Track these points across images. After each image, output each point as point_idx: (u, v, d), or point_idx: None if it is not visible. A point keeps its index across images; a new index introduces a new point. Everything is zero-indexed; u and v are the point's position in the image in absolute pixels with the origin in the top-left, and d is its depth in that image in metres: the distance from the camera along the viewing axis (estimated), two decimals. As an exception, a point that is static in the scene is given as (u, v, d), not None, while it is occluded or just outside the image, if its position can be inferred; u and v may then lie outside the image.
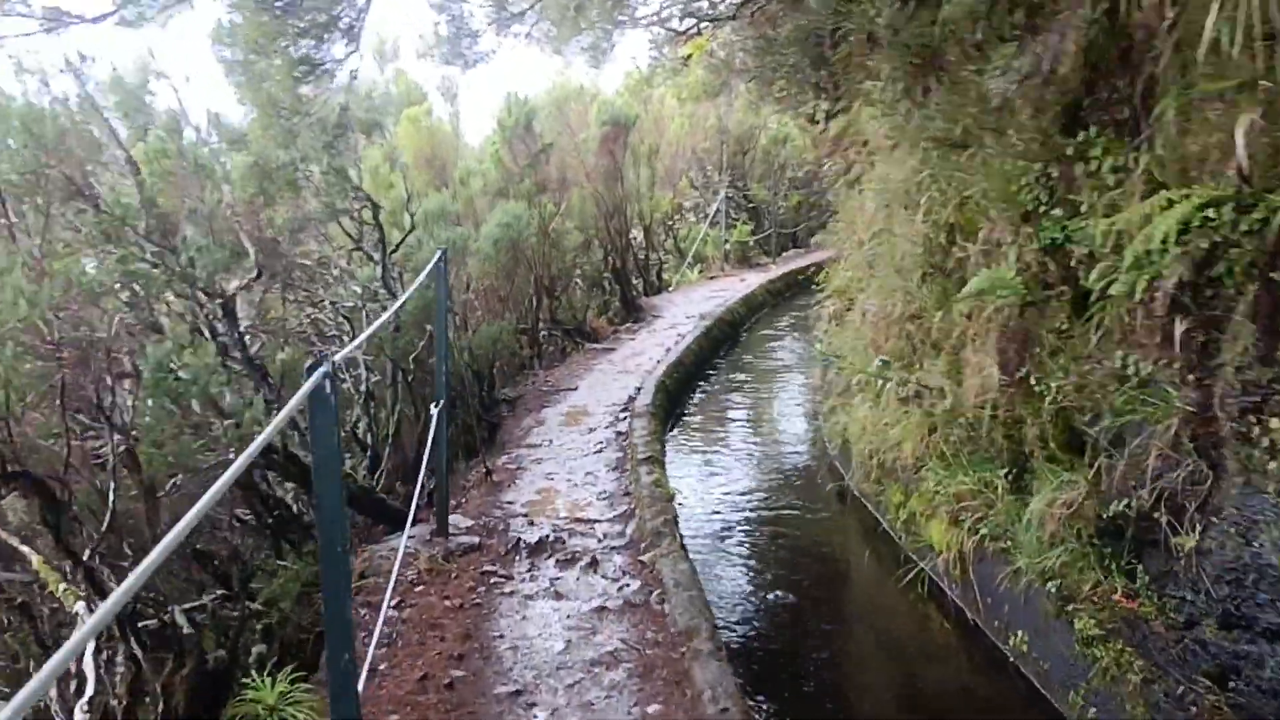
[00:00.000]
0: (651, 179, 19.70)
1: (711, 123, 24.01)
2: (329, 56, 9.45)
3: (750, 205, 25.95)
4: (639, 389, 11.86)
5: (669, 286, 20.34)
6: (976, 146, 7.07)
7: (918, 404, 8.27)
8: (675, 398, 12.29)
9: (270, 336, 11.07)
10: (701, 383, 13.70)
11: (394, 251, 10.94)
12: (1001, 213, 6.60)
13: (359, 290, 11.06)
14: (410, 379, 10.51)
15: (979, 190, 6.97)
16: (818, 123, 16.05)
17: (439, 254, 6.97)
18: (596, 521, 7.66)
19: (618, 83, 21.47)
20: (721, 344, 15.84)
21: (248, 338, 8.03)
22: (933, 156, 7.56)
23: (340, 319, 10.74)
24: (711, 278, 21.72)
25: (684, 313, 17.62)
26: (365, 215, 10.98)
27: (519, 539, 7.18)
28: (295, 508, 7.58)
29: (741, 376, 14.36)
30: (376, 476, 9.70)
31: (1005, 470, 6.93)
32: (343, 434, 10.61)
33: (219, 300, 7.18)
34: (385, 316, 7.36)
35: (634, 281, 18.66)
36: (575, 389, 12.31)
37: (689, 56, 16.05)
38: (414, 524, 7.17)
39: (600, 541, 7.24)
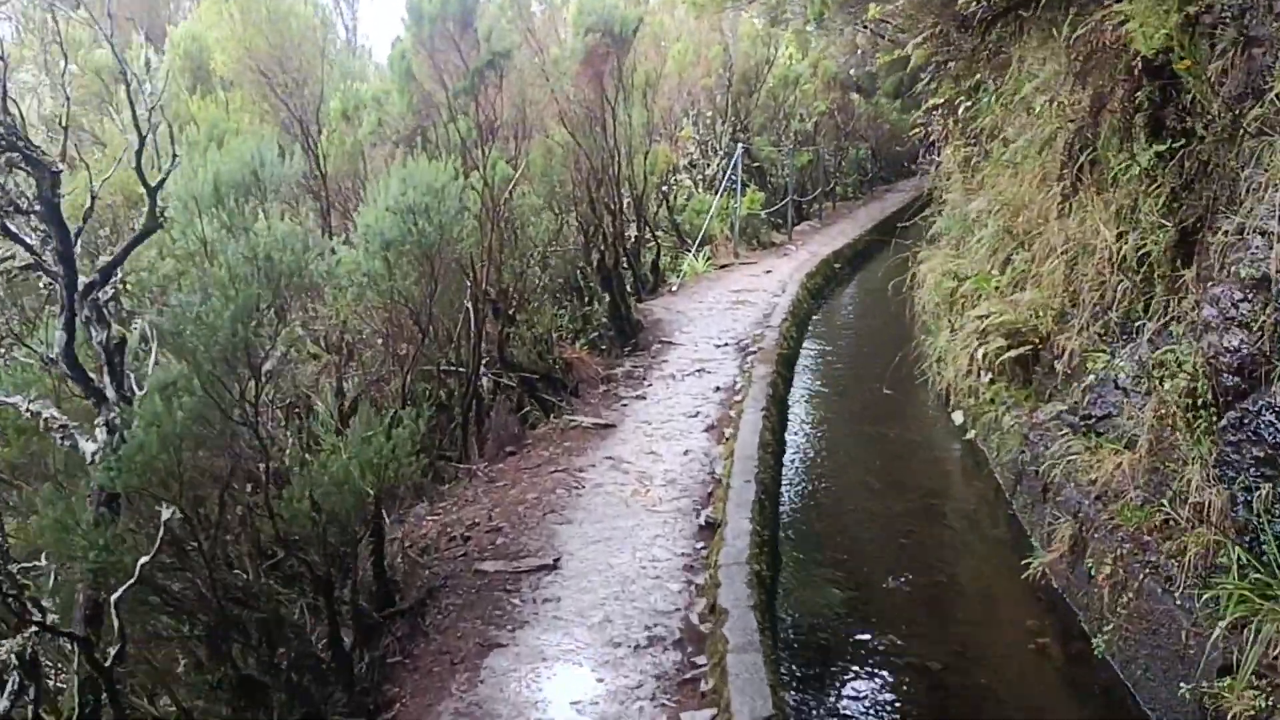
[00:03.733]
0: (647, 125, 12.81)
1: (715, 52, 17.08)
2: None
3: (755, 165, 19.10)
4: (691, 584, 5.16)
5: (669, 284, 13.50)
6: None
7: None
8: (770, 588, 5.53)
9: None
10: (795, 533, 6.92)
11: (104, 283, 4.05)
12: None
13: (29, 374, 4.25)
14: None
15: None
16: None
17: None
18: None
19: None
20: (788, 405, 9.07)
21: None
22: None
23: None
24: (723, 266, 14.93)
25: (703, 333, 10.86)
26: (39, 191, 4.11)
27: None
28: None
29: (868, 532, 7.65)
30: None
31: None
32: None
33: None
34: None
35: (626, 281, 11.80)
36: (555, 565, 5.52)
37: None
38: None
39: None
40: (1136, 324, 6.28)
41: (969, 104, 9.85)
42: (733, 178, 15.70)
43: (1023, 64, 9.79)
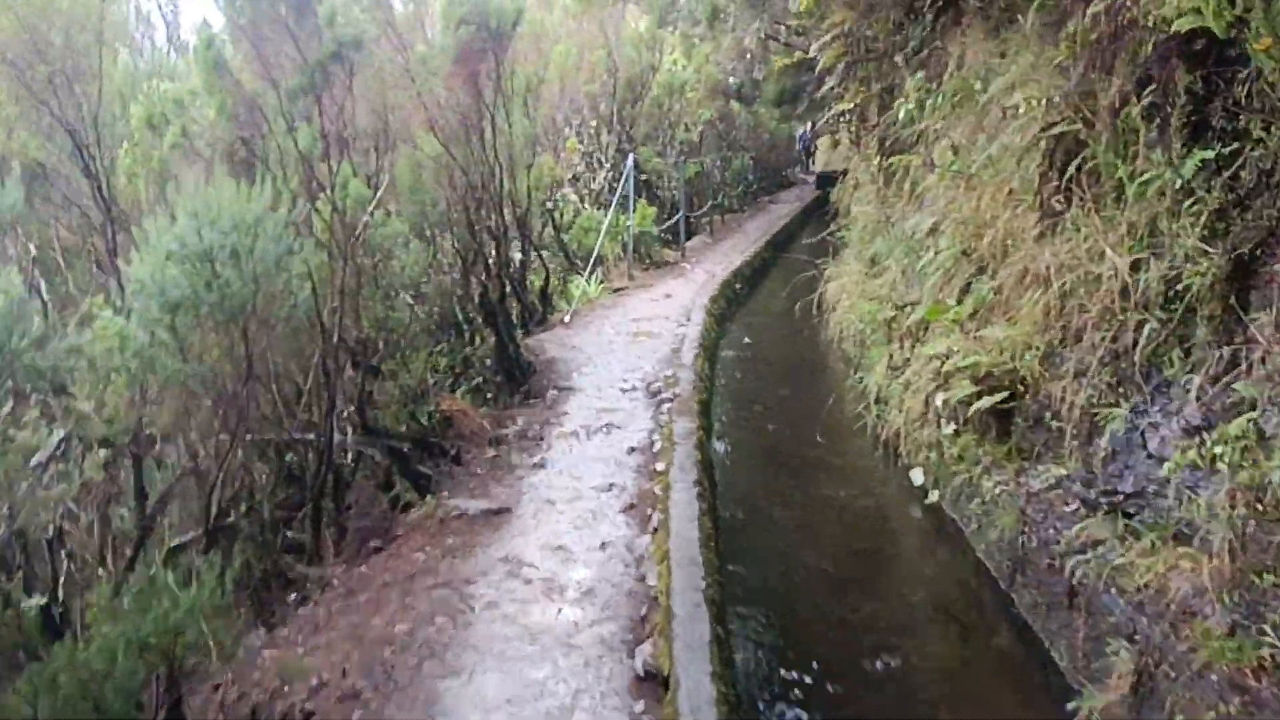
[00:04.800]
0: (530, 135, 11.10)
1: (599, 56, 15.47)
2: None
3: (643, 177, 17.53)
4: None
5: (561, 313, 11.81)
6: None
7: None
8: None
9: None
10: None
11: None
12: None
13: None
14: None
15: None
16: None
17: None
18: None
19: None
20: (713, 467, 7.46)
21: None
22: None
23: None
24: (618, 290, 13.31)
25: (606, 375, 9.23)
26: None
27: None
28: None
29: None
30: None
31: None
32: None
33: None
34: None
35: (514, 314, 10.08)
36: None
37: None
38: None
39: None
40: (1172, 376, 4.89)
41: (911, 106, 8.42)
42: (624, 192, 14.09)
43: (963, 60, 8.46)
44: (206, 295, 3.57)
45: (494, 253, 8.92)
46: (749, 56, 19.94)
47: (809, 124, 33.20)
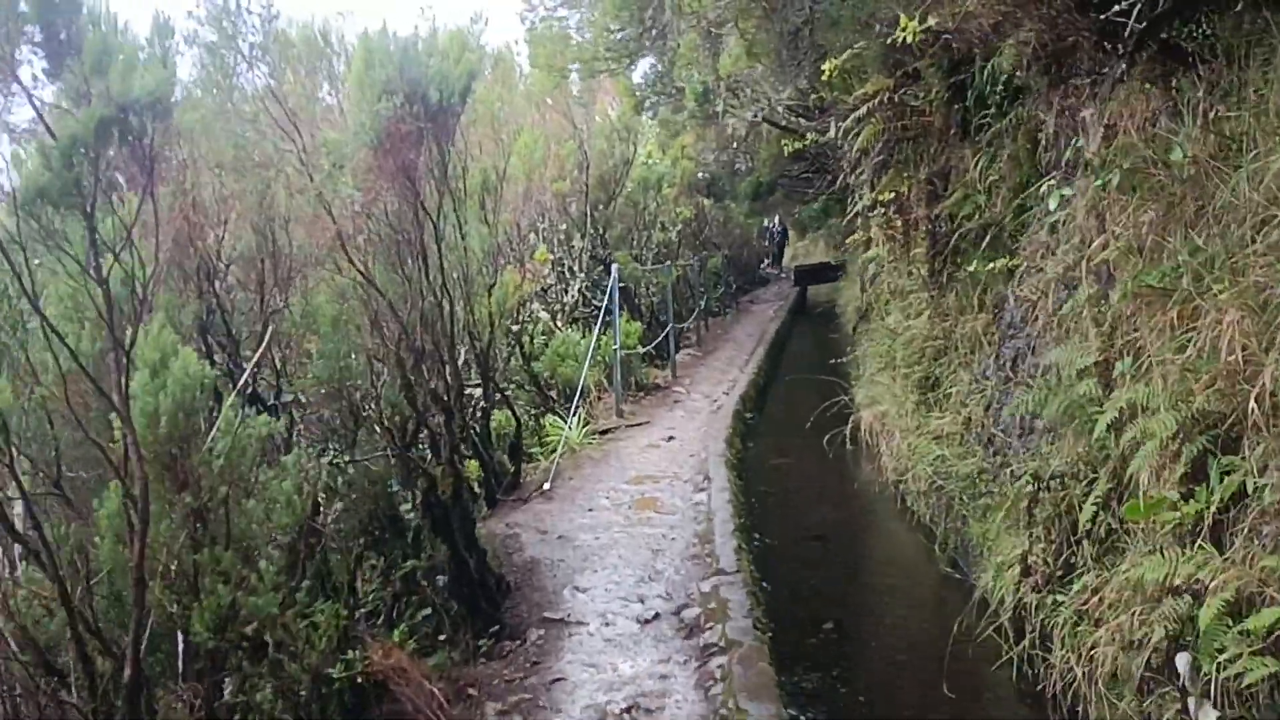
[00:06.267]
0: (489, 246, 8.26)
1: (569, 149, 12.74)
2: None
3: (621, 285, 14.71)
4: None
5: (539, 471, 8.78)
6: None
7: None
8: None
9: None
10: None
11: None
12: None
13: None
14: None
15: None
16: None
17: None
18: None
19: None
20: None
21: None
22: None
23: None
24: (606, 432, 10.32)
25: (610, 589, 6.20)
26: None
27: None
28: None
29: None
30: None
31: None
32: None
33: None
34: None
35: (473, 500, 7.06)
36: None
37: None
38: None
39: None
40: None
41: (1067, 191, 5.65)
42: (608, 306, 11.24)
43: (1113, 125, 5.74)
44: None
45: (445, 429, 5.92)
46: (734, 146, 17.34)
47: (775, 218, 31.48)
